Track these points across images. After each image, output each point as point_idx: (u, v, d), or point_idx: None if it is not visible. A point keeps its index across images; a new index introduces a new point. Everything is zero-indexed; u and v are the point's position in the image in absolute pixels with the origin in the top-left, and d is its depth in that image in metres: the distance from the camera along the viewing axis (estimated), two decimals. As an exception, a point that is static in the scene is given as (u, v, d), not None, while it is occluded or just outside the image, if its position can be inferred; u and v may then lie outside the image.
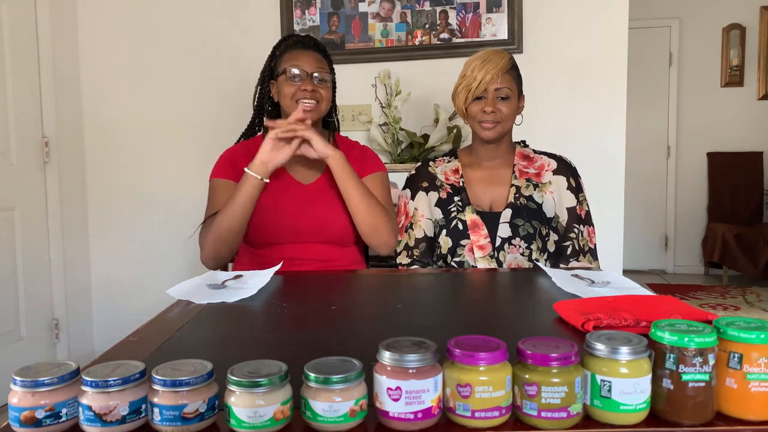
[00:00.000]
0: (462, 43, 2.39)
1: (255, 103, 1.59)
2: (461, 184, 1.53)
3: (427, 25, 2.41)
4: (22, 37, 2.41)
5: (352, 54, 2.44)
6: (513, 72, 1.48)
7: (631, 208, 3.52)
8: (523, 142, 1.61)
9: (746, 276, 4.22)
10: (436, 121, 2.32)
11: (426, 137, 2.33)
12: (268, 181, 1.38)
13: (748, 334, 0.58)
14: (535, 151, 1.58)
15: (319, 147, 1.38)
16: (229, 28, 2.55)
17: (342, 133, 1.69)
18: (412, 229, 1.54)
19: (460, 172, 1.55)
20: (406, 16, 2.42)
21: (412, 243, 1.54)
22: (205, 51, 2.56)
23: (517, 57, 2.31)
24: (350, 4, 2.44)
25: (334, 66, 1.56)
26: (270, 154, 1.37)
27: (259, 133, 1.60)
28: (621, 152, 2.34)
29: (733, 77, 4.62)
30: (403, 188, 1.60)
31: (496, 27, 2.36)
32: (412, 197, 1.56)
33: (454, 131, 2.30)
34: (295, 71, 1.44)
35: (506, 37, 2.35)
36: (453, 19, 2.39)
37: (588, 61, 2.33)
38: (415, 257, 1.52)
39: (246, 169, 1.37)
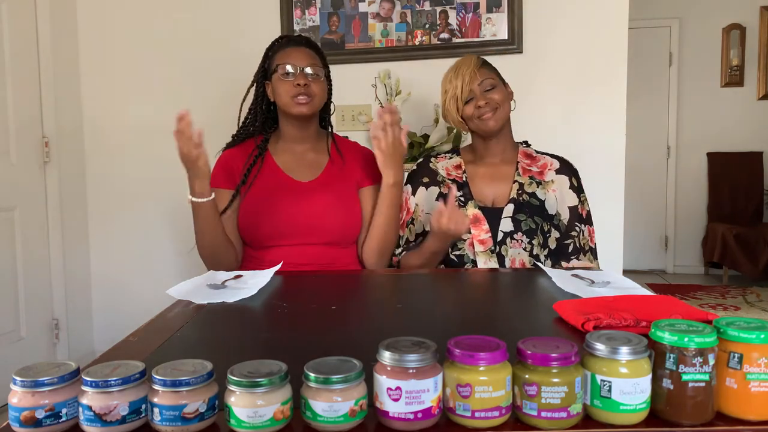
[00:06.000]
0: (462, 43, 2.39)
1: (249, 104, 1.58)
2: (464, 179, 1.54)
3: (427, 25, 2.40)
4: (22, 37, 2.40)
5: (352, 54, 2.44)
6: (487, 66, 1.52)
7: (631, 208, 3.51)
8: (526, 142, 1.63)
9: (746, 276, 4.21)
10: (436, 121, 2.31)
11: (426, 137, 2.33)
12: (213, 196, 1.38)
13: (748, 334, 0.58)
14: (537, 152, 1.60)
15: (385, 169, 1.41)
16: (229, 28, 2.55)
17: (342, 134, 1.69)
18: (413, 224, 1.55)
19: (463, 167, 1.56)
20: (406, 16, 2.42)
21: (412, 238, 1.54)
22: (204, 51, 2.56)
23: (517, 57, 2.35)
24: (350, 4, 2.44)
25: (334, 66, 1.57)
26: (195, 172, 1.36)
27: (257, 135, 1.59)
28: (621, 152, 2.34)
29: (733, 77, 4.62)
30: (404, 184, 1.61)
31: (496, 27, 2.36)
32: (413, 193, 1.57)
33: (454, 131, 2.30)
34: (289, 68, 1.46)
35: (506, 37, 2.35)
36: (453, 19, 2.39)
37: (588, 61, 2.33)
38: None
39: (191, 199, 1.37)
